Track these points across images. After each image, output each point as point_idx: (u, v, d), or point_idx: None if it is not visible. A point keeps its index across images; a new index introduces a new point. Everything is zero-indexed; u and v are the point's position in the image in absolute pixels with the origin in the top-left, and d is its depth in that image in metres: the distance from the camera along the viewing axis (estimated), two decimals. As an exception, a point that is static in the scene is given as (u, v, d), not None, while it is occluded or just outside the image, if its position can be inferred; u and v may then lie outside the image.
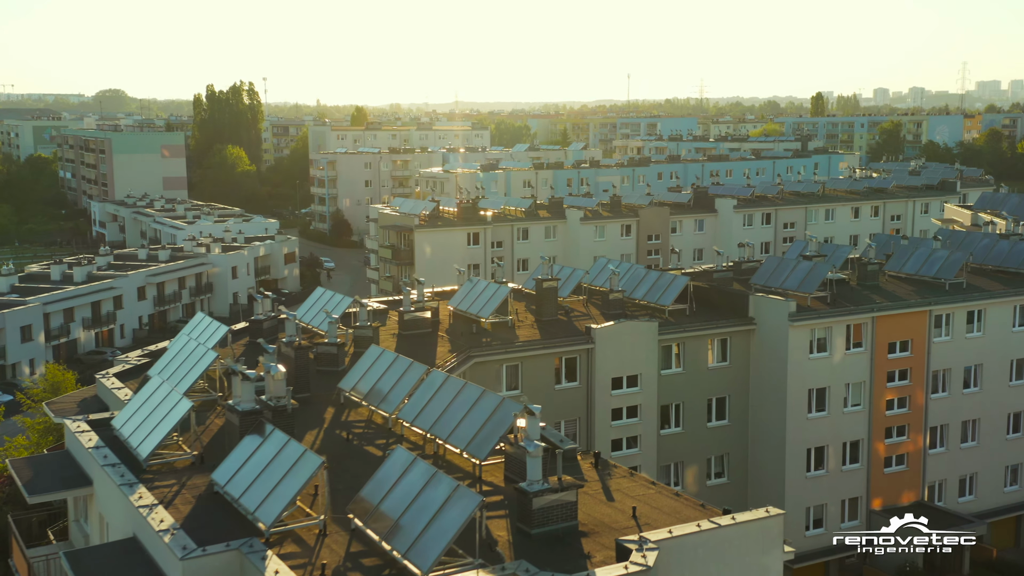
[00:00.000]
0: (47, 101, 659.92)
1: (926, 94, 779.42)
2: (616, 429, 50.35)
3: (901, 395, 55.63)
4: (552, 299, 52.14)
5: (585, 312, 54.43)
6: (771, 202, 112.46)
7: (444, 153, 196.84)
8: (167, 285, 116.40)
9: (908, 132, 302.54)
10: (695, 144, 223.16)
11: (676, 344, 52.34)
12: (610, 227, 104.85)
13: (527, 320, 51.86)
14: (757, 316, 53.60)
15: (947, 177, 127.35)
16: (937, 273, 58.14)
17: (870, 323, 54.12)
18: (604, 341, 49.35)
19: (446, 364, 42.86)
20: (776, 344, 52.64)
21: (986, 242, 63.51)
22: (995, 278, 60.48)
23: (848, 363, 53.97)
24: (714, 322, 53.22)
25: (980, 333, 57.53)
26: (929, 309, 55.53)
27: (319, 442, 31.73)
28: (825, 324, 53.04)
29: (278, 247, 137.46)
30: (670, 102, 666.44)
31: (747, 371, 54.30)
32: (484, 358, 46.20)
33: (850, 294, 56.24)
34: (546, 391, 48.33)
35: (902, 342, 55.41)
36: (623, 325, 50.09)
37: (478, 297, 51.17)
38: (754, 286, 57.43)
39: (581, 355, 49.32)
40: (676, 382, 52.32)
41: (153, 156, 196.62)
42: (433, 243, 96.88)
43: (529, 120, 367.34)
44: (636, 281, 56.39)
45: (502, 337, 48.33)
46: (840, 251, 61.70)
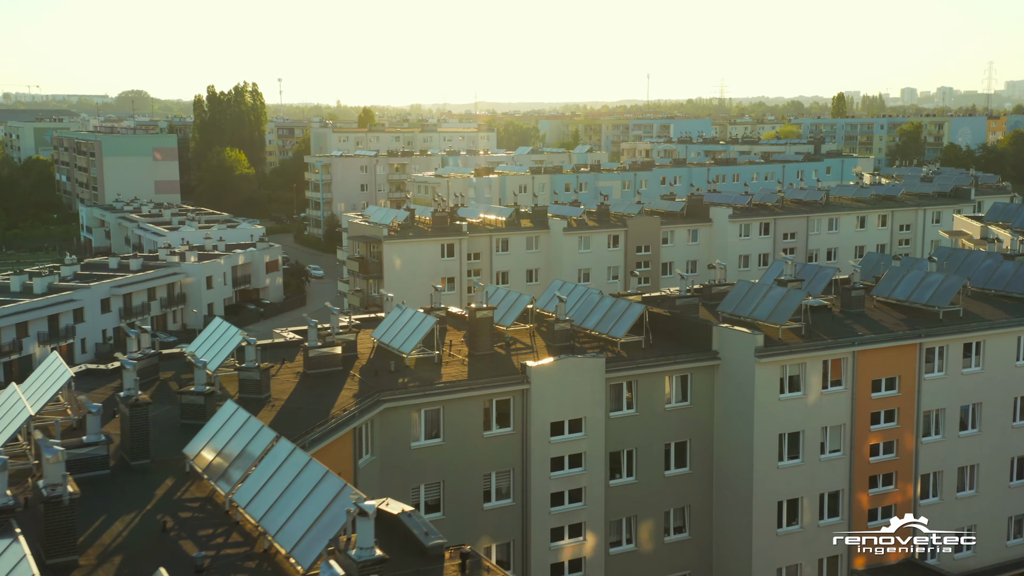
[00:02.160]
0: (71, 102, 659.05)
1: (954, 94, 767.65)
2: (557, 481, 44.18)
3: (887, 439, 49.20)
4: (487, 330, 46.00)
5: (528, 345, 48.29)
6: (770, 211, 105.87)
7: (444, 156, 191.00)
8: (135, 296, 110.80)
9: (929, 134, 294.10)
10: (704, 147, 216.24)
11: (628, 382, 46.10)
12: (596, 238, 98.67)
13: (460, 355, 45.76)
14: (722, 350, 47.34)
15: (961, 184, 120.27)
16: (930, 300, 51.63)
17: (850, 358, 47.74)
18: (541, 381, 43.20)
19: (343, 415, 36.80)
20: (742, 382, 46.37)
21: (988, 263, 56.91)
22: (998, 304, 53.94)
23: (825, 404, 47.60)
24: (672, 356, 46.96)
25: (979, 368, 51.01)
26: (919, 342, 49.06)
27: (127, 531, 25.75)
28: (798, 359, 46.71)
29: (259, 255, 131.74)
30: (692, 102, 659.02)
31: (711, 412, 48.04)
32: (397, 403, 40.13)
33: (830, 324, 49.85)
34: (473, 439, 42.27)
35: (888, 379, 48.99)
36: (564, 362, 43.93)
37: (403, 328, 45.16)
38: (721, 314, 51.13)
39: (515, 397, 43.16)
40: (628, 425, 46.08)
41: (145, 159, 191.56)
42: (403, 255, 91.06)
43: (540, 121, 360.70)
44: (589, 308, 50.22)
45: (423, 376, 42.27)
46: (822, 273, 55.21)
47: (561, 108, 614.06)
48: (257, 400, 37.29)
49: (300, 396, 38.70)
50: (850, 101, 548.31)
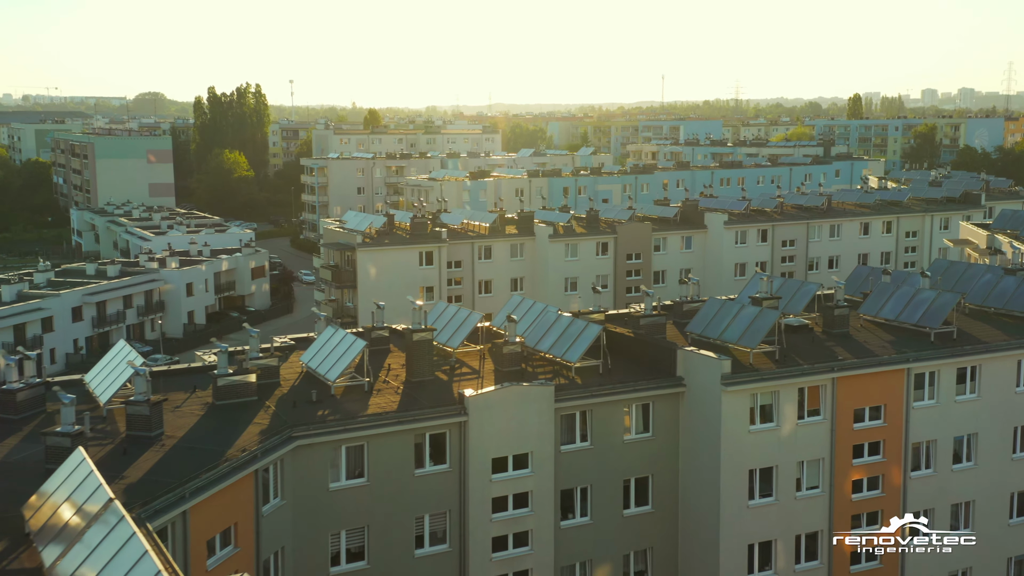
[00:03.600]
0: (88, 104, 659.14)
1: (975, 95, 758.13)
2: (499, 523, 39.79)
3: (872, 474, 44.63)
4: (425, 354, 41.66)
5: (476, 370, 43.93)
6: (768, 217, 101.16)
7: (443, 158, 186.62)
8: (109, 304, 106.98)
9: (945, 136, 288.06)
10: (711, 149, 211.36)
11: (582, 412, 41.67)
12: (584, 245, 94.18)
13: (396, 381, 41.44)
14: (687, 376, 42.90)
15: (971, 189, 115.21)
16: (921, 320, 47.01)
17: (829, 385, 43.19)
18: (481, 412, 38.84)
19: (241, 456, 32.50)
20: (709, 412, 41.91)
21: (988, 278, 52.19)
22: (997, 324, 49.29)
23: (802, 436, 43.06)
24: (632, 383, 42.52)
25: (974, 395, 46.35)
26: (907, 367, 44.46)
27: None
28: (770, 387, 42.20)
29: (244, 261, 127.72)
30: (708, 104, 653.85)
31: (676, 444, 43.61)
32: (312, 439, 35.79)
33: (808, 346, 45.31)
34: (403, 478, 37.93)
35: (872, 408, 44.43)
36: (507, 391, 39.53)
37: (331, 352, 40.87)
38: (690, 335, 46.66)
39: (451, 430, 38.78)
40: (581, 460, 41.67)
41: (139, 161, 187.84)
42: (379, 263, 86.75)
43: (549, 123, 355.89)
44: (544, 328, 45.83)
45: (347, 408, 37.94)
46: (804, 289, 50.57)
47: (576, 110, 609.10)
48: (146, 439, 33.08)
49: (199, 432, 34.44)
50: (868, 102, 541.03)
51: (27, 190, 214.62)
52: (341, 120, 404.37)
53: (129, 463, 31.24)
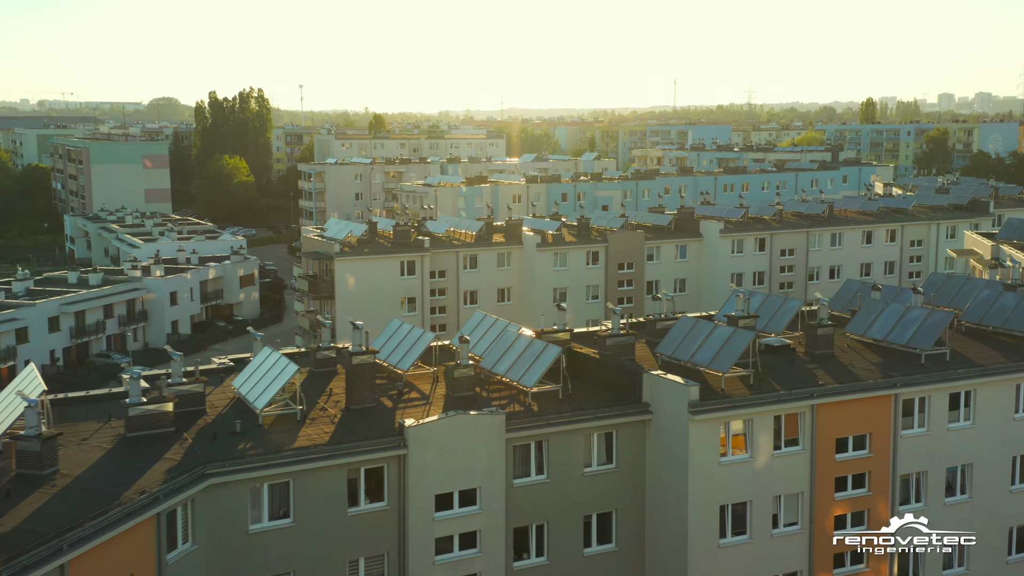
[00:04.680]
0: (103, 109, 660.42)
1: (992, 99, 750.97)
2: (443, 567, 36.40)
3: (856, 509, 41.10)
4: (366, 379, 38.29)
5: (425, 395, 40.60)
6: (767, 225, 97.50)
7: (443, 164, 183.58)
8: (88, 314, 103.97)
9: (958, 141, 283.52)
10: (717, 154, 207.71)
11: (538, 442, 38.26)
12: (574, 254, 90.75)
13: (335, 409, 38.11)
14: (654, 402, 39.47)
15: (979, 196, 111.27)
16: (910, 341, 43.47)
17: (809, 412, 39.69)
18: (423, 444, 35.48)
19: (138, 499, 29.22)
20: (676, 442, 38.48)
21: (986, 293, 48.57)
22: (994, 344, 45.72)
23: (778, 468, 39.57)
24: (594, 410, 39.09)
25: (969, 423, 42.76)
26: (894, 392, 40.92)
27: None
28: (743, 415, 38.72)
29: (233, 268, 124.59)
30: (722, 108, 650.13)
31: (642, 476, 40.17)
32: (228, 476, 32.46)
33: (787, 369, 41.82)
34: (334, 518, 34.57)
35: (856, 437, 40.91)
36: (452, 421, 36.15)
37: (263, 376, 37.60)
38: (660, 357, 43.23)
39: (390, 464, 35.42)
40: (537, 495, 38.26)
41: (135, 167, 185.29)
42: (358, 273, 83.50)
43: (557, 128, 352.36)
44: (503, 349, 42.46)
45: (274, 440, 34.63)
46: (787, 306, 47.03)
47: (589, 114, 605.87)
48: (36, 478, 29.86)
49: (100, 470, 31.21)
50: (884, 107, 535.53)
51: (25, 195, 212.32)
52: (349, 125, 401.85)
53: (9, 507, 28.02)
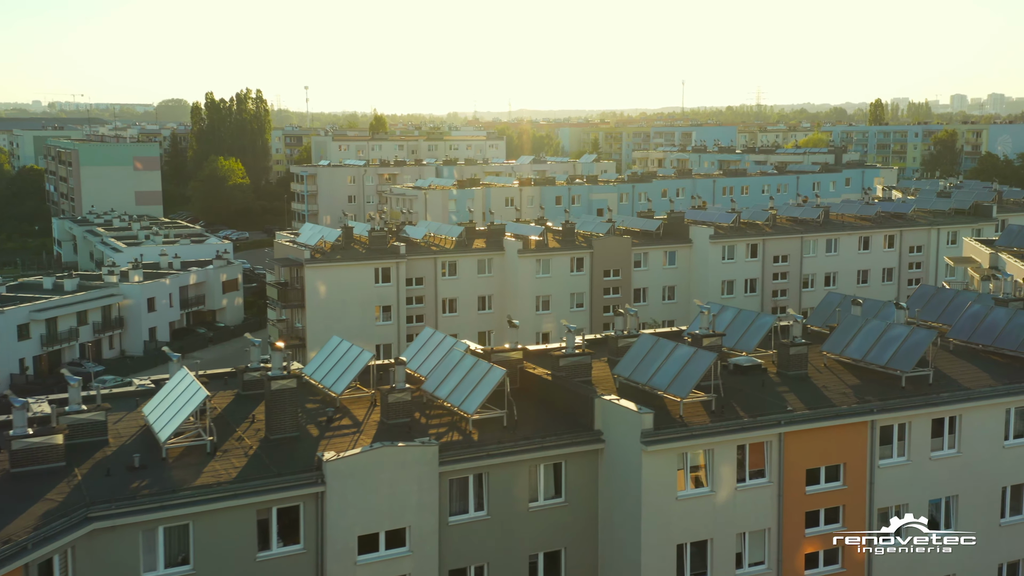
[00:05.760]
0: (113, 111, 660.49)
1: (1005, 100, 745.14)
2: (367, 612, 33.05)
3: (829, 546, 37.61)
4: (286, 407, 34.92)
5: (358, 422, 37.23)
6: (759, 230, 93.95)
7: (438, 166, 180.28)
8: (61, 320, 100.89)
9: (967, 142, 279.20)
10: (719, 156, 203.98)
11: (476, 475, 34.88)
12: (557, 260, 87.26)
13: (253, 439, 34.76)
14: (606, 431, 36.06)
15: (981, 200, 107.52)
16: (890, 362, 39.94)
17: (776, 441, 36.26)
18: (343, 480, 32.13)
19: (4, 547, 25.92)
20: (629, 475, 35.08)
21: (976, 309, 45.01)
22: (984, 364, 42.20)
23: (742, 502, 36.13)
24: (540, 439, 35.68)
25: (954, 451, 39.28)
26: (871, 419, 37.45)
27: None
28: (702, 445, 35.29)
29: (215, 273, 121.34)
30: (732, 109, 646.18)
31: (594, 511, 36.75)
32: (115, 520, 29.10)
33: (756, 393, 38.35)
34: (242, 564, 31.20)
35: (829, 468, 37.45)
36: (376, 454, 32.78)
37: (173, 403, 34.29)
38: (618, 379, 39.83)
39: (306, 503, 32.05)
40: (476, 534, 34.87)
41: (125, 169, 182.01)
42: (330, 281, 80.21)
43: (560, 129, 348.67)
44: (447, 370, 39.08)
45: (173, 477, 31.27)
46: (760, 322, 43.56)
47: (598, 116, 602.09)
48: None
49: (-28, 511, 27.94)
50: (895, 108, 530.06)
51: (18, 198, 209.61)
52: (353, 126, 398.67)
53: None
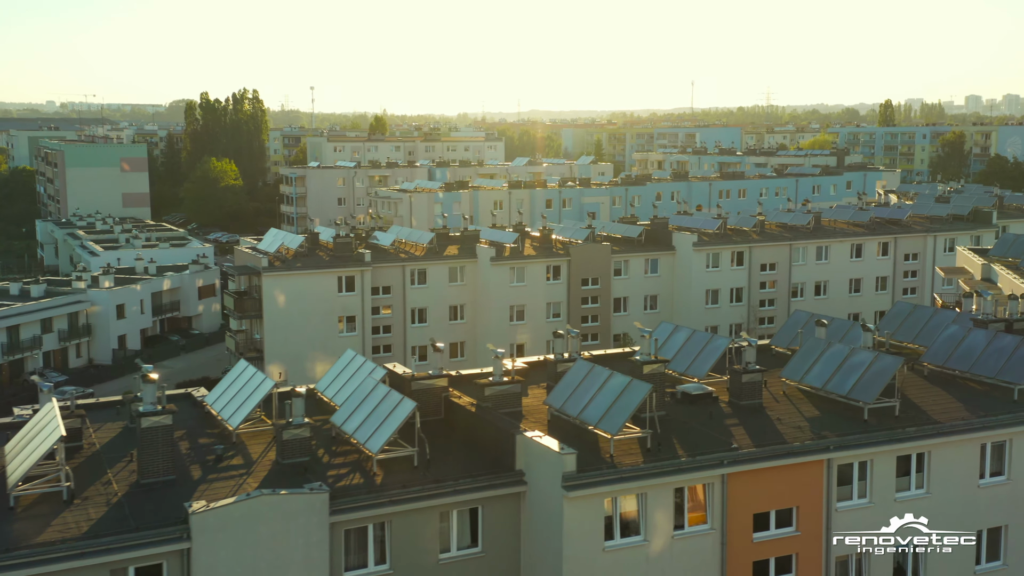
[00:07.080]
0: (124, 111, 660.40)
1: (1021, 101, 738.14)
2: None
3: (779, 600, 33.63)
4: (159, 446, 31.01)
5: (251, 462, 33.32)
6: (746, 237, 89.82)
7: (431, 168, 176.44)
8: (23, 328, 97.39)
9: (975, 144, 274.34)
10: (719, 158, 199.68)
11: (377, 524, 30.98)
12: (532, 269, 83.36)
13: (121, 484, 30.86)
14: (529, 471, 32.12)
15: (981, 205, 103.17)
16: (852, 392, 35.88)
17: (719, 483, 32.27)
18: (213, 535, 28.22)
19: None
20: (551, 523, 31.14)
21: (952, 331, 40.87)
22: (960, 393, 38.07)
23: (680, 553, 32.15)
24: (453, 481, 31.76)
25: (923, 491, 35.22)
26: (826, 457, 33.42)
27: None
28: (633, 488, 31.33)
29: (191, 279, 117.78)
30: (743, 110, 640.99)
31: (516, 561, 32.82)
32: (-60, 581, 25.36)
33: (699, 428, 34.36)
34: (96, 625, 27.35)
35: (780, 512, 33.44)
36: (253, 503, 28.85)
37: (30, 442, 30.46)
38: (550, 411, 35.86)
39: (170, 561, 28.14)
40: (375, 588, 30.99)
41: (112, 170, 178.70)
42: (289, 290, 76.47)
43: (563, 130, 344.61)
44: (358, 401, 35.15)
45: (15, 532, 27.39)
46: (713, 345, 39.47)
47: (608, 116, 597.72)
48: None
49: None
50: (908, 109, 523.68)
51: (8, 199, 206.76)
52: (356, 127, 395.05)
53: None
